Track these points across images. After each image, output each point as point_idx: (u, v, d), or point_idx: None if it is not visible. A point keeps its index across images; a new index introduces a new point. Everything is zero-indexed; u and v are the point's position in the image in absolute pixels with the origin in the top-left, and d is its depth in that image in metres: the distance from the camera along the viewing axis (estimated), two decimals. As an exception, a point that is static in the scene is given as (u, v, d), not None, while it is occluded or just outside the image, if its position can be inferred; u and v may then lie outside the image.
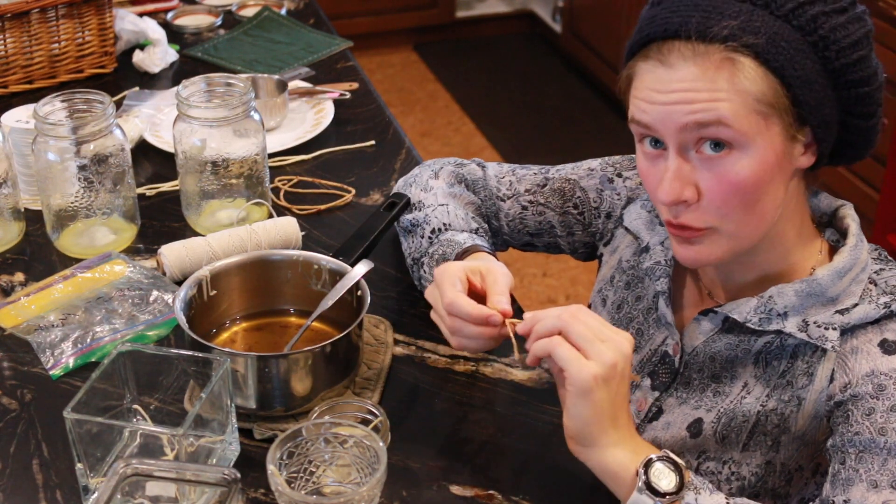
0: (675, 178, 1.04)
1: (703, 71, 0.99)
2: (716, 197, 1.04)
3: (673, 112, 1.02)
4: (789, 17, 1.01)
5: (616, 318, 1.29)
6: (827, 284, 1.08)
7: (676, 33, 1.01)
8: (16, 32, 1.88)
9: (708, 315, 1.16)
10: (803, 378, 1.09)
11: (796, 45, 1.00)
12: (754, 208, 1.05)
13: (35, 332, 1.33)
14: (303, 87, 1.92)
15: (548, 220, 1.38)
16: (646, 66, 1.04)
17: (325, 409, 1.13)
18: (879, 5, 2.64)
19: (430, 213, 1.35)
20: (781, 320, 1.09)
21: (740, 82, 0.99)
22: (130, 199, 1.52)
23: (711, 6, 1.01)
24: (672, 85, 1.01)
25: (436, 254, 1.29)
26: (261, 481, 1.12)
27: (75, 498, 1.10)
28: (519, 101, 4.27)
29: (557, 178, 1.38)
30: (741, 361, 1.14)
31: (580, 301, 3.12)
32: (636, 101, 1.06)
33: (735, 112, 0.99)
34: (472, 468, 1.15)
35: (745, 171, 1.02)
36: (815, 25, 1.01)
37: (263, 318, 1.31)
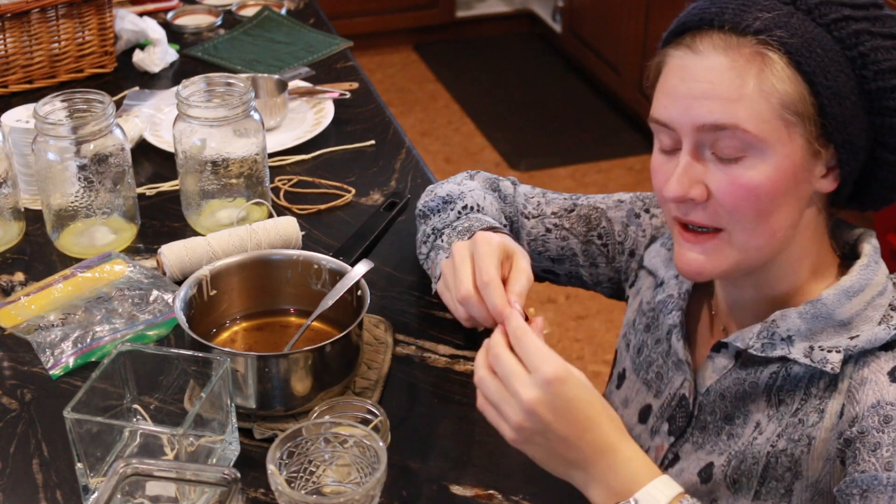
0: (685, 174, 1.01)
1: (732, 62, 0.96)
2: (726, 199, 1.00)
3: (692, 108, 0.98)
4: (831, 26, 0.97)
5: (637, 363, 1.23)
6: (833, 305, 1.02)
7: (711, 22, 0.98)
8: (16, 32, 1.88)
9: (720, 351, 1.10)
10: (814, 415, 1.03)
11: (833, 55, 0.97)
12: (766, 219, 1.00)
13: (35, 331, 1.33)
14: (303, 87, 1.92)
15: (570, 246, 1.33)
16: (676, 54, 1.01)
17: (325, 409, 1.13)
18: (879, 5, 2.64)
19: (467, 192, 1.31)
20: (786, 345, 1.03)
21: (767, 80, 0.96)
22: (130, 198, 1.52)
23: (750, 2, 0.98)
24: (697, 73, 0.98)
25: (460, 226, 1.25)
26: (261, 481, 1.12)
27: (75, 498, 1.10)
28: (519, 101, 4.27)
29: (585, 205, 1.34)
30: (751, 397, 1.08)
31: (580, 302, 3.13)
32: (659, 96, 1.03)
33: (756, 115, 0.96)
34: (472, 468, 1.15)
35: (760, 177, 0.98)
36: (857, 41, 0.97)
37: (263, 318, 1.31)
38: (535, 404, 0.94)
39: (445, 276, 1.16)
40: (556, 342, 2.97)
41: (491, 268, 1.08)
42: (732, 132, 0.97)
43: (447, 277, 1.15)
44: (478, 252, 1.10)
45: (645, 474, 0.95)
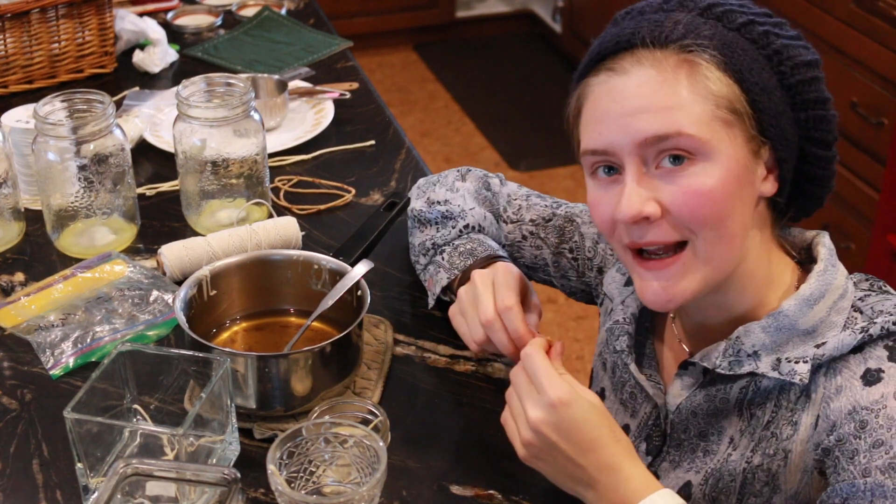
0: (634, 193, 0.97)
1: (661, 73, 0.96)
2: (683, 210, 0.97)
3: (630, 125, 0.96)
4: (742, 30, 0.99)
5: (613, 382, 1.21)
6: (795, 315, 1.00)
7: (629, 42, 0.98)
8: (16, 32, 1.88)
9: (687, 369, 1.08)
10: (788, 428, 1.01)
11: (752, 54, 0.98)
12: (724, 223, 0.98)
13: (35, 331, 1.33)
14: (303, 87, 1.92)
15: (543, 256, 1.33)
16: (596, 81, 1.00)
17: (325, 409, 1.13)
18: (879, 5, 2.64)
19: (468, 210, 1.33)
20: (753, 361, 1.02)
21: (700, 83, 0.95)
22: (130, 199, 1.52)
23: (662, 18, 0.98)
24: (628, 91, 0.97)
25: (462, 247, 1.28)
26: (261, 481, 1.12)
27: (75, 498, 1.10)
28: (519, 101, 4.27)
29: (562, 215, 1.32)
30: (723, 414, 1.06)
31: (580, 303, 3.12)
32: (588, 127, 1.01)
33: (696, 119, 0.95)
34: (472, 468, 1.15)
35: (711, 180, 0.96)
36: (767, 41, 0.98)
37: (263, 318, 1.31)
38: (540, 424, 0.99)
39: (462, 301, 1.18)
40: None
41: (512, 295, 1.14)
42: (676, 139, 0.95)
43: (464, 303, 1.18)
44: (498, 280, 1.16)
45: (646, 490, 0.97)
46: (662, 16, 0.99)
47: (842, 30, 2.72)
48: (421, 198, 1.38)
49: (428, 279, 1.32)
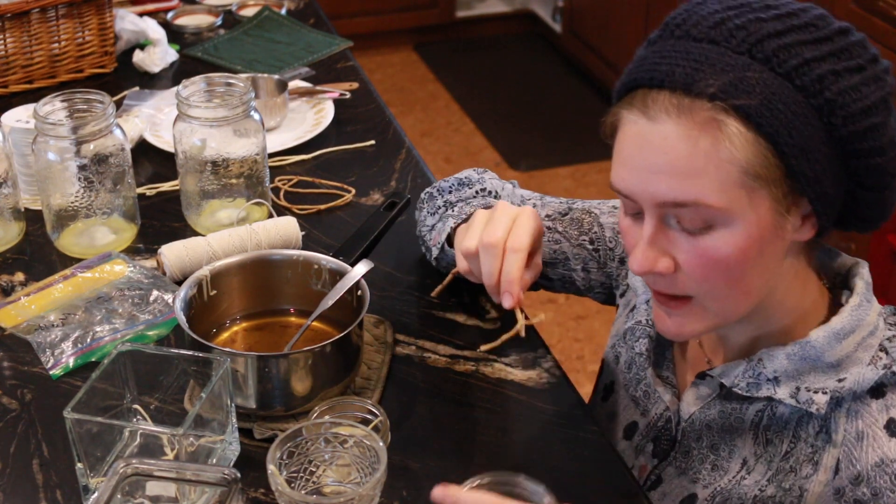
0: (649, 248, 0.96)
1: (687, 130, 0.90)
2: (694, 272, 0.95)
3: (650, 183, 0.93)
4: (791, 75, 0.90)
5: (627, 378, 1.21)
6: (822, 348, 0.98)
7: (662, 83, 0.92)
8: (16, 32, 1.88)
9: (705, 379, 1.07)
10: (808, 466, 1.00)
11: (796, 107, 0.89)
12: (738, 284, 0.96)
13: (35, 331, 1.33)
14: (303, 87, 1.92)
15: (563, 250, 1.29)
16: (630, 117, 0.95)
17: (325, 409, 1.13)
18: (880, 5, 2.64)
19: (487, 178, 1.30)
20: (772, 386, 1.00)
21: (724, 149, 0.89)
22: (130, 198, 1.52)
23: (703, 56, 0.91)
24: (653, 142, 0.92)
25: (477, 203, 1.24)
26: (261, 481, 1.12)
27: (75, 498, 1.10)
28: (519, 101, 4.27)
29: (579, 208, 1.30)
30: (738, 432, 1.06)
31: (580, 302, 3.12)
32: (617, 165, 0.97)
33: (717, 187, 0.90)
34: (472, 468, 1.14)
35: (728, 247, 0.93)
36: (821, 87, 0.89)
37: (263, 318, 1.31)
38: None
39: (474, 221, 1.14)
40: (556, 342, 2.97)
41: (527, 240, 1.09)
42: (695, 208, 0.92)
43: (475, 223, 1.13)
44: (521, 220, 1.11)
45: None
46: (706, 51, 0.91)
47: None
48: (432, 187, 1.38)
49: (435, 235, 1.26)
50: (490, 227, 1.11)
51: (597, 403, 1.28)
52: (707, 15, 0.93)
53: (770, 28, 0.91)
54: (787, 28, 0.91)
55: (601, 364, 1.31)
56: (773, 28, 0.91)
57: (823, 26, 0.92)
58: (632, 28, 3.85)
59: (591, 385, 1.36)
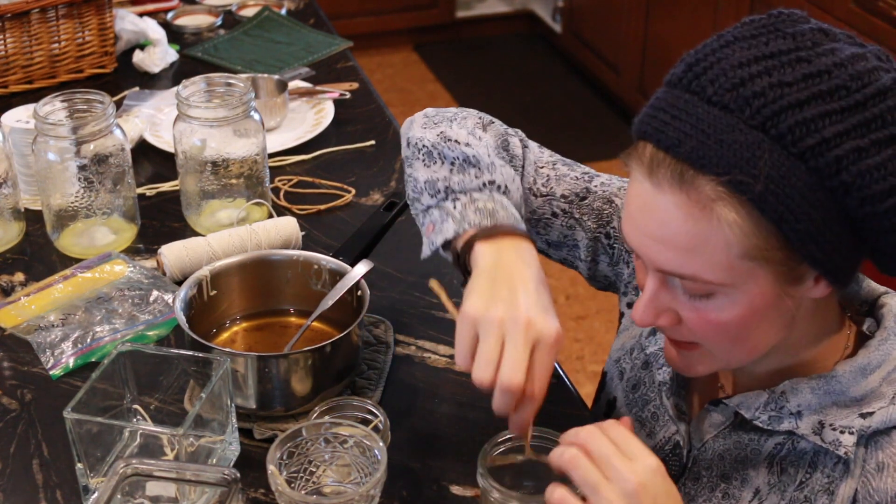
0: (651, 304, 0.94)
1: (687, 208, 0.86)
2: (696, 329, 0.94)
3: (651, 250, 0.91)
4: (806, 155, 0.83)
5: (631, 399, 1.18)
6: (848, 383, 0.95)
7: (668, 150, 0.87)
8: (16, 32, 1.88)
9: (718, 406, 1.04)
10: (823, 496, 0.97)
11: (806, 191, 0.83)
12: (744, 343, 0.94)
13: (35, 332, 1.33)
14: (303, 87, 1.92)
15: (575, 237, 1.22)
16: (637, 171, 0.91)
17: (325, 409, 1.13)
18: (879, 5, 2.64)
19: (498, 165, 1.12)
20: (794, 420, 0.97)
21: (723, 234, 0.86)
22: (130, 199, 1.52)
23: (712, 130, 0.85)
24: (654, 211, 0.89)
25: (481, 203, 1.07)
26: (261, 481, 1.12)
27: (75, 498, 1.10)
28: (519, 101, 4.27)
29: (600, 194, 1.21)
30: (752, 463, 1.02)
31: (580, 302, 3.12)
32: (625, 217, 0.95)
33: (714, 265, 0.87)
34: (472, 468, 1.14)
35: (728, 314, 0.91)
36: (838, 167, 0.83)
37: (263, 318, 1.31)
38: (640, 487, 0.87)
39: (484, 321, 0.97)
40: (556, 342, 2.97)
41: (545, 384, 0.98)
42: (693, 280, 0.90)
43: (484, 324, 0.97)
44: (541, 354, 0.97)
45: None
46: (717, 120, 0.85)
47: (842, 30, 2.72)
48: (430, 128, 1.19)
49: (428, 224, 1.12)
50: (509, 362, 0.95)
51: (598, 417, 1.25)
52: (729, 69, 0.86)
53: (791, 98, 0.84)
54: (810, 96, 0.84)
55: (602, 376, 1.28)
56: (795, 98, 0.84)
57: (857, 89, 0.85)
58: (632, 28, 3.85)
59: (591, 385, 1.36)
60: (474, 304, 0.98)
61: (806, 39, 0.88)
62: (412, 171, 1.17)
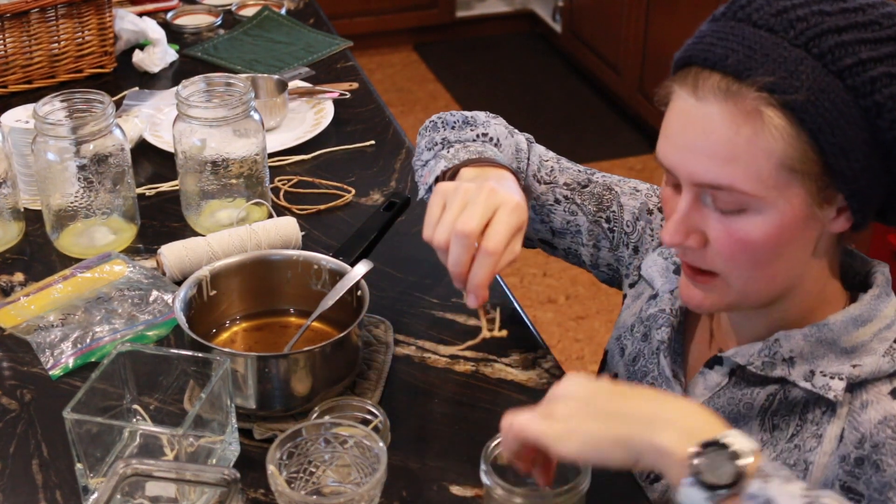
0: (682, 223, 0.98)
1: (731, 116, 0.91)
2: (723, 249, 0.97)
3: (689, 162, 0.95)
4: (844, 74, 0.90)
5: (631, 371, 1.21)
6: (839, 331, 1.00)
7: (714, 65, 0.93)
8: (15, 32, 1.88)
9: (713, 367, 1.08)
10: (812, 440, 1.01)
11: (843, 107, 0.90)
12: (764, 268, 0.98)
13: (35, 332, 1.33)
14: (303, 87, 1.92)
15: (577, 223, 1.28)
16: (680, 93, 0.96)
17: (325, 409, 1.13)
18: (879, 5, 2.63)
19: (492, 123, 1.24)
20: (787, 366, 1.01)
21: (764, 140, 0.91)
22: (130, 199, 1.52)
23: (759, 45, 0.91)
24: (696, 121, 0.94)
25: (473, 148, 1.17)
26: (261, 481, 1.12)
27: (75, 498, 1.10)
28: (519, 101, 4.26)
29: (600, 183, 1.29)
30: (745, 419, 1.05)
31: (580, 302, 3.12)
32: (662, 137, 0.99)
33: (753, 176, 0.92)
34: (472, 468, 1.14)
35: (757, 232, 0.95)
36: (872, 88, 0.90)
37: (263, 318, 1.31)
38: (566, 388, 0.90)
39: (457, 189, 1.05)
40: (556, 342, 2.97)
41: (502, 241, 1.03)
42: (729, 192, 0.94)
43: (456, 192, 1.05)
44: (501, 213, 1.04)
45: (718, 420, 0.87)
46: (763, 39, 0.91)
47: None
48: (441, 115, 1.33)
49: (425, 173, 1.20)
50: (467, 212, 1.03)
51: None
52: (773, 0, 0.93)
53: (831, 23, 0.91)
54: (848, 24, 0.91)
55: (603, 356, 1.30)
56: (835, 23, 0.91)
57: (889, 25, 0.92)
58: (632, 28, 3.85)
59: (591, 385, 1.35)
60: (447, 184, 1.08)
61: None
62: (419, 146, 1.29)
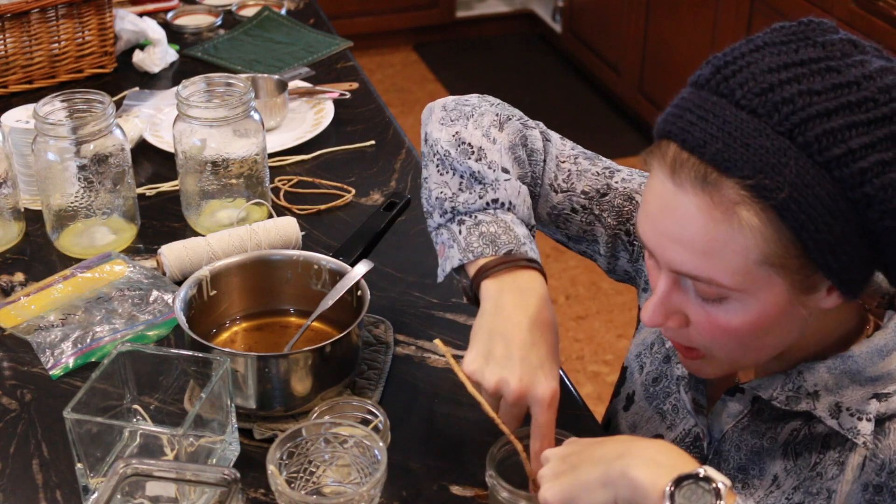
0: (661, 305, 0.94)
1: (708, 210, 0.86)
2: (703, 334, 0.94)
3: (667, 250, 0.91)
4: (831, 165, 0.82)
5: (651, 392, 1.18)
6: (864, 363, 0.95)
7: (693, 150, 0.86)
8: (16, 32, 1.88)
9: (735, 395, 1.04)
10: (833, 468, 0.98)
11: (828, 201, 0.83)
12: (752, 346, 0.94)
13: (35, 332, 1.33)
14: (303, 87, 1.92)
15: (594, 233, 1.22)
16: (659, 170, 0.90)
17: (325, 409, 1.13)
18: (879, 5, 2.64)
19: (502, 180, 1.11)
20: (812, 400, 0.96)
21: (742, 239, 0.85)
22: (130, 199, 1.52)
23: (739, 131, 0.84)
24: (674, 210, 0.89)
25: (484, 226, 1.08)
26: (261, 481, 1.12)
27: (75, 498, 1.10)
28: (519, 101, 4.23)
29: (621, 191, 1.20)
30: (768, 453, 1.02)
31: (580, 302, 3.12)
32: (641, 215, 0.95)
33: (731, 270, 0.87)
34: (472, 468, 1.15)
35: (738, 320, 0.91)
36: (862, 179, 0.82)
37: (263, 318, 1.31)
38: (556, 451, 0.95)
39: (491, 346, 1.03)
40: (556, 342, 2.97)
41: (550, 438, 1.02)
42: (707, 283, 0.89)
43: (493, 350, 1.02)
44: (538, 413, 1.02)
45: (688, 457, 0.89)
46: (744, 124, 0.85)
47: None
48: (447, 126, 1.18)
49: (440, 245, 1.14)
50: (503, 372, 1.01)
51: (618, 411, 1.26)
52: (759, 74, 0.86)
53: (819, 106, 0.83)
54: (839, 106, 0.84)
55: (622, 369, 1.28)
56: (823, 106, 0.83)
57: (885, 102, 0.84)
58: (632, 28, 3.85)
59: (591, 385, 1.36)
60: (471, 363, 1.03)
61: (836, 49, 0.87)
62: (427, 174, 1.18)
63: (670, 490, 0.83)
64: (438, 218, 1.15)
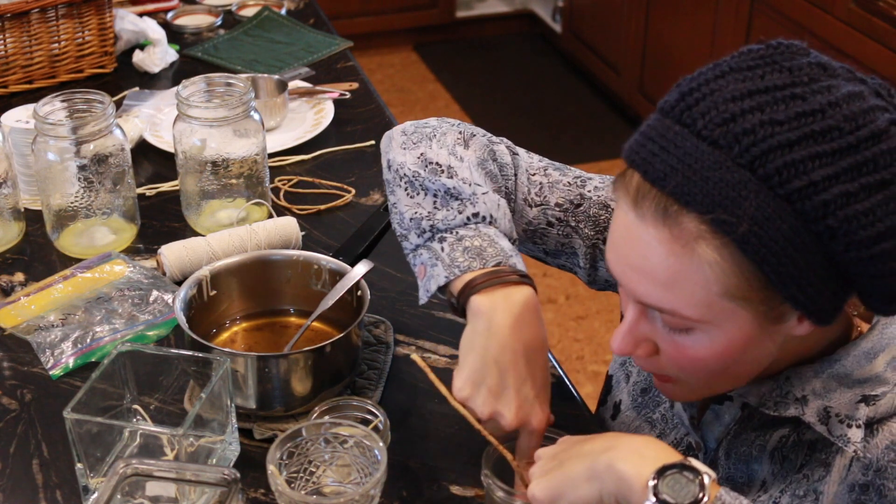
0: (629, 334, 0.94)
1: (668, 243, 0.85)
2: (672, 363, 0.94)
3: (631, 281, 0.90)
4: (792, 197, 0.81)
5: (640, 401, 1.18)
6: (851, 366, 0.95)
7: (654, 182, 0.86)
8: (16, 32, 1.88)
9: (723, 403, 1.04)
10: (820, 469, 0.97)
11: (790, 234, 0.82)
12: (723, 375, 0.94)
13: (35, 332, 1.33)
14: (303, 87, 1.92)
15: (572, 245, 1.20)
16: (623, 200, 0.90)
17: (325, 409, 1.13)
18: (879, 5, 2.64)
19: (480, 194, 1.08)
20: (800, 405, 0.95)
21: (702, 273, 0.85)
22: (130, 199, 1.52)
23: (699, 166, 0.83)
24: (637, 241, 0.88)
25: (468, 241, 1.04)
26: (261, 481, 1.12)
27: (75, 498, 1.10)
28: (519, 101, 4.26)
29: (595, 200, 1.18)
30: (757, 460, 1.02)
31: (580, 302, 3.12)
32: (609, 244, 0.94)
33: (694, 302, 0.87)
34: (472, 468, 1.15)
35: (706, 351, 0.90)
36: (825, 212, 0.81)
37: (263, 318, 1.31)
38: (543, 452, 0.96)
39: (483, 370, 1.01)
40: (556, 342, 2.97)
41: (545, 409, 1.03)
42: (672, 315, 0.89)
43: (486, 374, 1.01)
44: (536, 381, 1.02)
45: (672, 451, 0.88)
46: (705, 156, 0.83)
47: (842, 30, 2.72)
48: (410, 149, 1.14)
49: (419, 266, 1.08)
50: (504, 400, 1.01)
51: (606, 419, 1.26)
52: (721, 103, 0.84)
53: (781, 137, 0.82)
54: (802, 136, 0.82)
55: (607, 379, 1.28)
56: (785, 138, 0.82)
57: (850, 131, 0.82)
58: (632, 28, 3.85)
59: (591, 385, 1.36)
60: (462, 390, 1.01)
61: (803, 74, 0.86)
62: (395, 200, 1.14)
63: (654, 480, 0.83)
64: (416, 239, 1.09)
